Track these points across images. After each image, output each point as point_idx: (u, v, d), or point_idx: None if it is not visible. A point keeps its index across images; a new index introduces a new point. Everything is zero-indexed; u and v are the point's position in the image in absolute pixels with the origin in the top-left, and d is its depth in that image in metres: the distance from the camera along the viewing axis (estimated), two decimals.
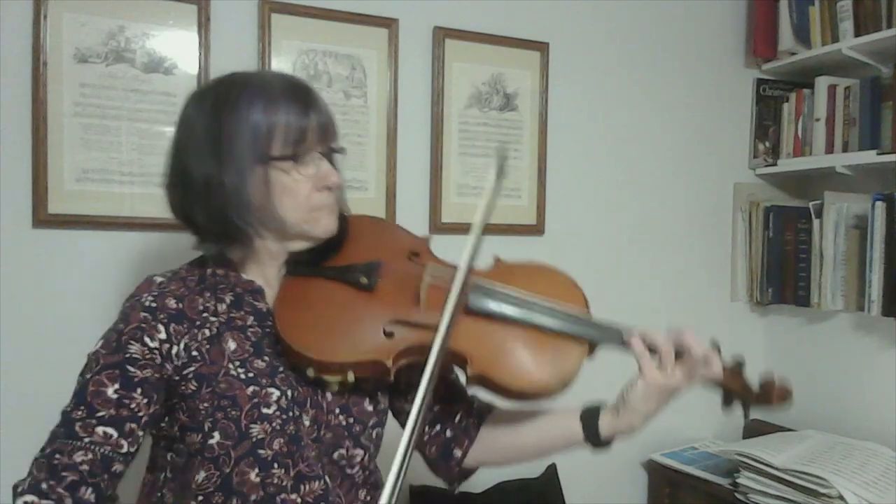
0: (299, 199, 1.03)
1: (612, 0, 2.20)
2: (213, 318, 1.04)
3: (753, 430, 2.29)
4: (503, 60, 2.04)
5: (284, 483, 1.01)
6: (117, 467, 0.98)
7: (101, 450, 0.96)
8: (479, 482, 1.85)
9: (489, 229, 2.18)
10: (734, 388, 1.15)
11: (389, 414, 1.19)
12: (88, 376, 0.99)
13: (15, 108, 1.57)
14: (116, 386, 0.98)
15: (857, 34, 2.06)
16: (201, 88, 1.08)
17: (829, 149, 2.17)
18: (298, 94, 1.04)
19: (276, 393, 1.02)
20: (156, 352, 1.00)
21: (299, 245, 1.08)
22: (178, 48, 1.70)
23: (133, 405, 0.98)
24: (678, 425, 2.18)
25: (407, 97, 1.93)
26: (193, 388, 1.00)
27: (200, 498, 1.00)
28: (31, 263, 1.60)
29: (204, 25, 1.71)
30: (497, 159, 1.13)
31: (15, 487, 0.95)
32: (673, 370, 1.08)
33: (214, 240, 1.06)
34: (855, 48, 2.06)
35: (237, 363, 1.01)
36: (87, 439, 0.96)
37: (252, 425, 1.00)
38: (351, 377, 1.03)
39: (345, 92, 1.85)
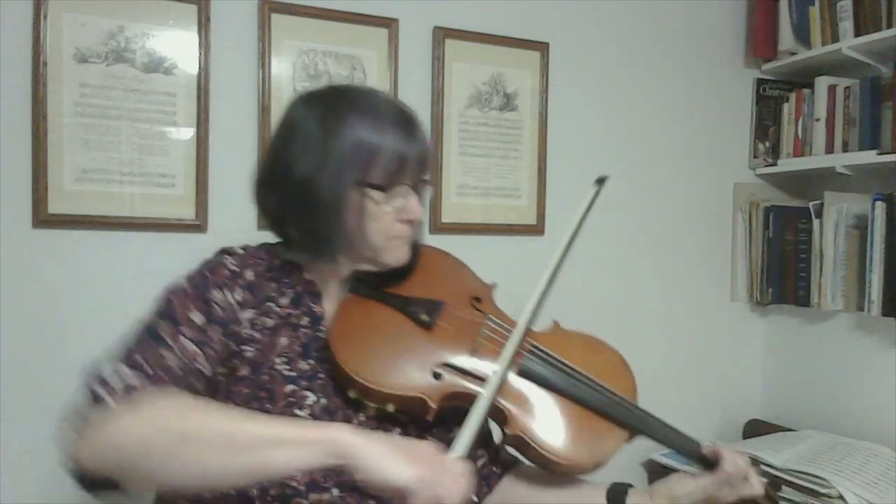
0: (380, 227, 1.05)
1: (612, 0, 2.20)
2: (276, 310, 1.05)
3: (753, 430, 2.29)
4: (503, 60, 2.04)
5: (301, 488, 1.01)
6: (196, 383, 0.97)
7: (185, 359, 0.96)
8: None
9: (490, 229, 2.18)
10: None
11: None
12: (175, 299, 1.00)
13: (15, 108, 1.57)
14: (201, 314, 0.99)
15: (857, 34, 2.05)
16: (312, 93, 1.10)
17: (829, 149, 2.17)
18: (406, 122, 1.05)
19: (312, 397, 1.03)
20: (230, 307, 1.01)
21: (368, 267, 1.09)
22: (178, 48, 1.70)
23: (211, 334, 0.99)
24: (677, 425, 2.18)
25: (407, 97, 1.91)
26: (245, 372, 1.01)
27: None
28: (31, 263, 1.60)
29: (204, 25, 1.71)
30: (595, 190, 1.16)
31: (92, 371, 0.93)
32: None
33: (301, 250, 1.07)
34: (855, 48, 2.05)
35: (284, 359, 1.03)
36: (174, 346, 0.96)
37: None
38: (391, 408, 1.03)
39: None
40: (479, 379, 1.02)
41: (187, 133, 1.71)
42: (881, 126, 2.01)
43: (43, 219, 1.59)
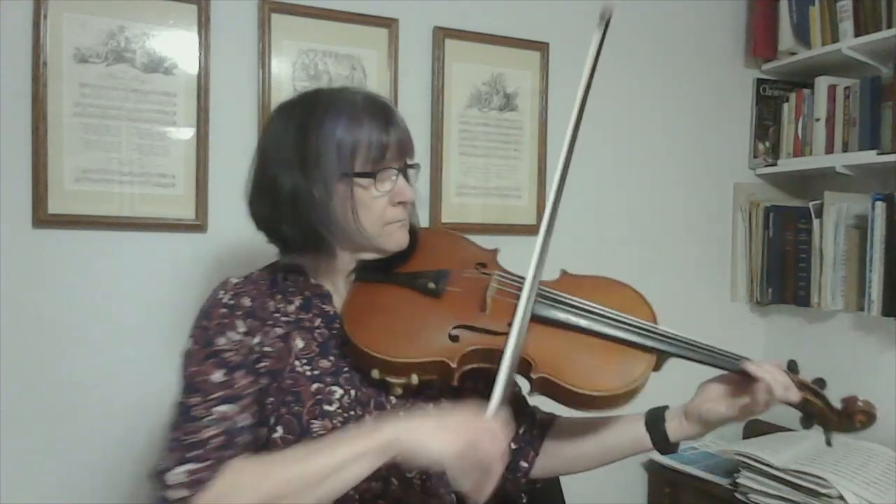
0: (375, 214, 1.07)
1: (613, 1, 2.19)
2: (283, 319, 1.08)
3: (753, 429, 2.29)
4: (503, 60, 2.04)
5: None
6: (243, 438, 1.00)
7: (224, 424, 0.99)
8: None
9: (490, 229, 2.17)
10: (814, 410, 1.18)
11: None
12: (193, 369, 1.03)
13: (15, 108, 1.57)
14: (221, 371, 1.01)
15: (857, 34, 2.06)
16: (287, 104, 1.13)
17: (829, 149, 2.17)
18: (380, 111, 1.08)
19: (339, 391, 1.05)
20: (240, 343, 1.04)
21: (370, 256, 1.12)
22: (178, 48, 1.70)
23: (237, 385, 1.01)
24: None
25: (407, 97, 1.93)
26: (264, 383, 1.04)
27: None
28: (31, 263, 1.60)
29: (204, 25, 1.71)
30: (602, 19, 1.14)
31: (158, 469, 0.96)
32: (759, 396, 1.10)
33: (299, 250, 1.10)
34: (855, 48, 2.06)
35: (303, 361, 1.06)
36: (208, 418, 0.99)
37: (313, 421, 1.03)
38: (415, 379, 1.04)
39: None
40: (496, 333, 1.04)
41: (187, 133, 1.71)
42: (881, 126, 2.01)
43: (43, 219, 1.59)
